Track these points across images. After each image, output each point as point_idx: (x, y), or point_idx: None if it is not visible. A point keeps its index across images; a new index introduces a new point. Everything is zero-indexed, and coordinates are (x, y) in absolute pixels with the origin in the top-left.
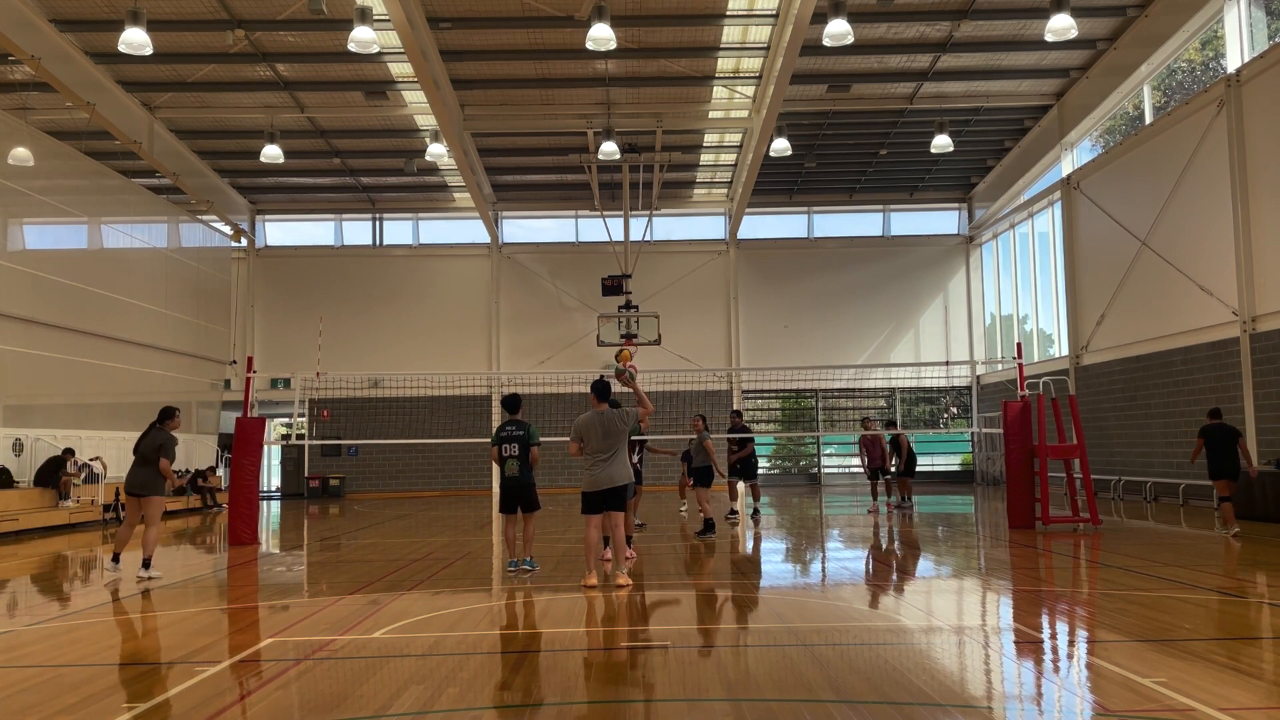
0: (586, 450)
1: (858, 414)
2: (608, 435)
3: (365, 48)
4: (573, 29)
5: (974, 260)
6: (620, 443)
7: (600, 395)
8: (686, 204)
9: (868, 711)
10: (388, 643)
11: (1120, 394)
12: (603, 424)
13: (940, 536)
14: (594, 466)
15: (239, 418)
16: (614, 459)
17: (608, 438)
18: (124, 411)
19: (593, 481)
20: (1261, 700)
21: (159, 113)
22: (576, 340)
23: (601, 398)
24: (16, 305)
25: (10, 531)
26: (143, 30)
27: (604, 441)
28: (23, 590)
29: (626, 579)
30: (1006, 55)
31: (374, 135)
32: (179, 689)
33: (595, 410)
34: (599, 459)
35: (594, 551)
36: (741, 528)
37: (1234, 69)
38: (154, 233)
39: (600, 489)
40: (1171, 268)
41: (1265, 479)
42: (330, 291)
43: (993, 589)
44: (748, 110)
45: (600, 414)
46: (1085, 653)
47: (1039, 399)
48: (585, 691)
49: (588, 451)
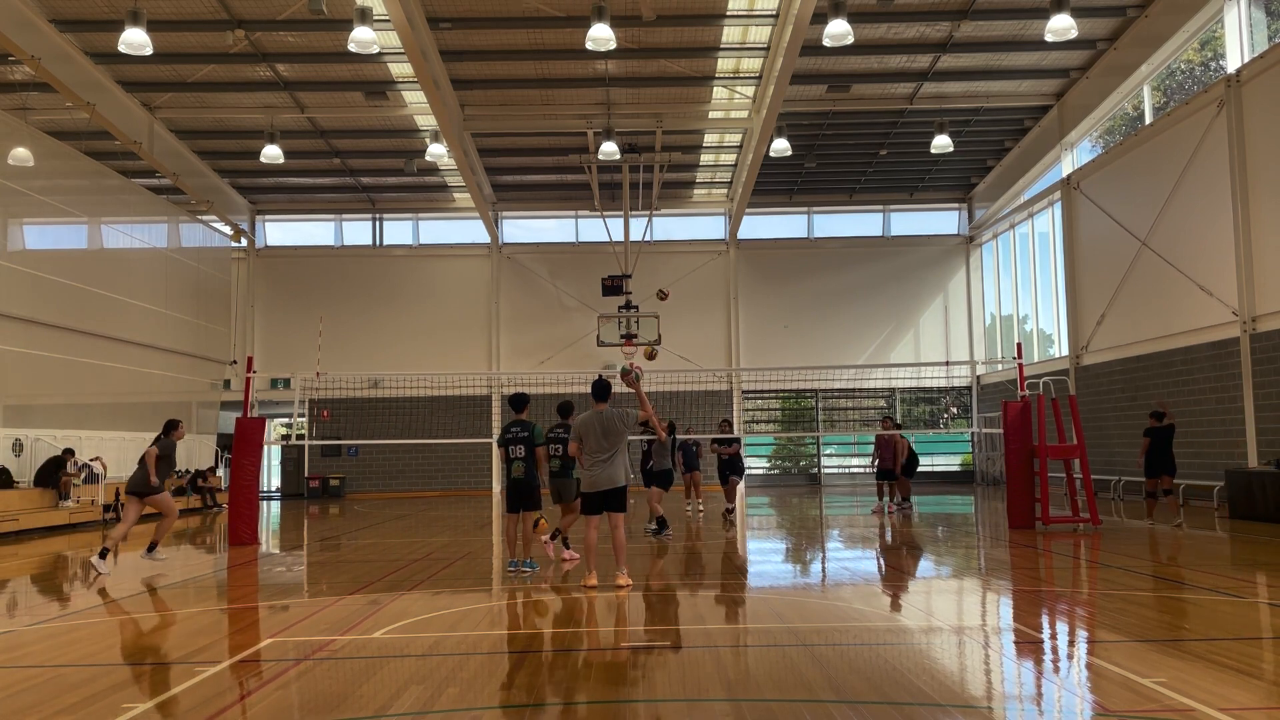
0: (585, 450)
1: (858, 414)
2: (607, 435)
3: (365, 48)
4: (573, 29)
5: (974, 260)
6: (620, 443)
7: (599, 395)
8: (686, 204)
9: (868, 711)
10: (388, 643)
11: (1120, 394)
12: (602, 424)
13: (940, 536)
14: (593, 467)
15: (239, 418)
16: (613, 460)
17: (607, 438)
18: (124, 411)
19: (592, 482)
20: (1261, 700)
21: (159, 113)
22: (576, 340)
23: (600, 398)
24: (16, 305)
25: (10, 531)
26: (143, 30)
27: (603, 441)
28: (23, 590)
29: (627, 579)
30: (1006, 55)
31: (374, 135)
32: (179, 689)
33: (595, 410)
34: (598, 459)
35: (594, 552)
36: (736, 528)
37: (1234, 69)
38: (154, 233)
39: (600, 490)
40: (1171, 268)
41: (1265, 479)
42: (330, 291)
43: (993, 589)
44: (748, 110)
45: (599, 414)
46: (1085, 653)
47: (1039, 399)
48: (585, 691)
49: (586, 451)
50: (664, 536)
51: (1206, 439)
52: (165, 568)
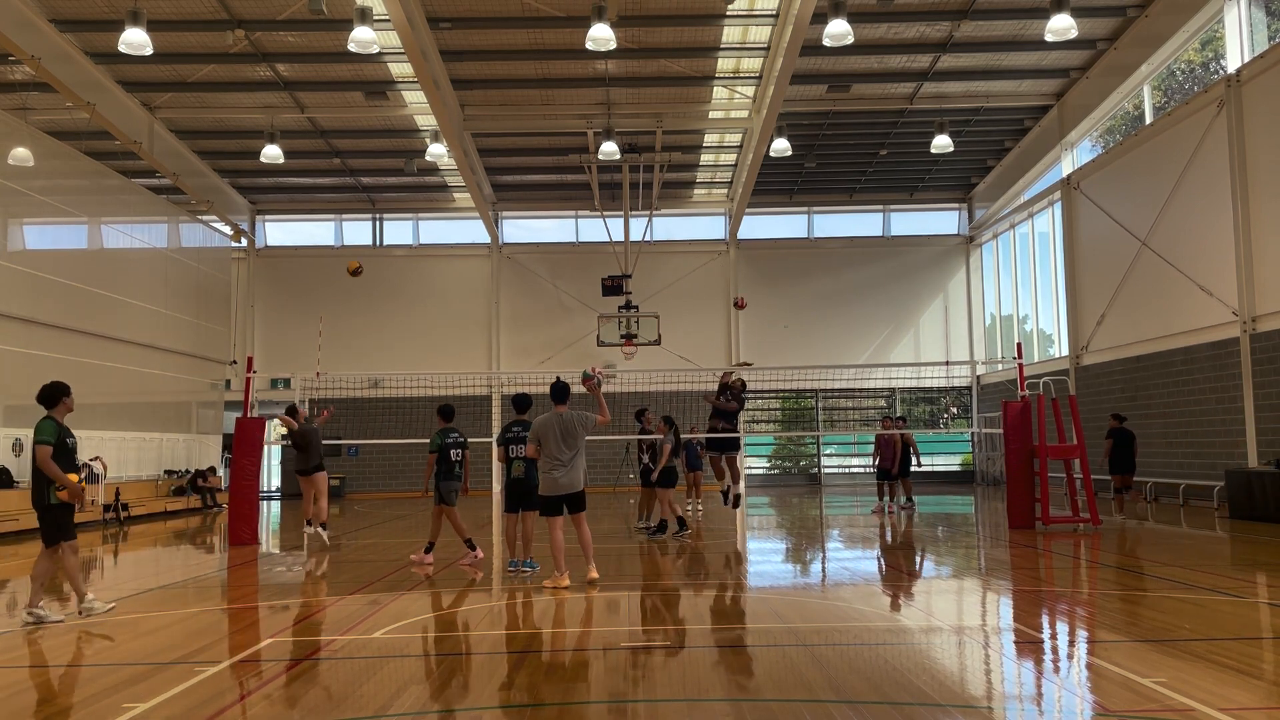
0: (544, 453)
1: (858, 414)
2: (566, 438)
3: (365, 48)
4: (573, 29)
5: (974, 260)
6: (579, 447)
7: (558, 397)
8: (686, 204)
9: (868, 711)
10: (388, 643)
11: (1120, 394)
12: (561, 426)
13: (940, 536)
14: (553, 470)
15: (239, 418)
16: (573, 464)
17: (566, 440)
18: (124, 411)
19: (552, 485)
20: (1261, 700)
21: (159, 113)
22: (577, 340)
23: (560, 399)
24: (16, 305)
25: (10, 531)
26: (143, 30)
27: (563, 444)
28: (23, 590)
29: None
30: (1006, 55)
31: (374, 135)
32: (179, 689)
33: (554, 412)
34: (557, 463)
35: (562, 551)
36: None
37: (1234, 69)
38: (154, 233)
39: (560, 494)
40: (1171, 268)
41: (1265, 479)
42: (330, 291)
43: (993, 589)
44: (748, 110)
45: (559, 416)
46: (1085, 653)
47: (1039, 399)
48: (585, 691)
49: (545, 454)
50: (682, 538)
51: (1206, 439)
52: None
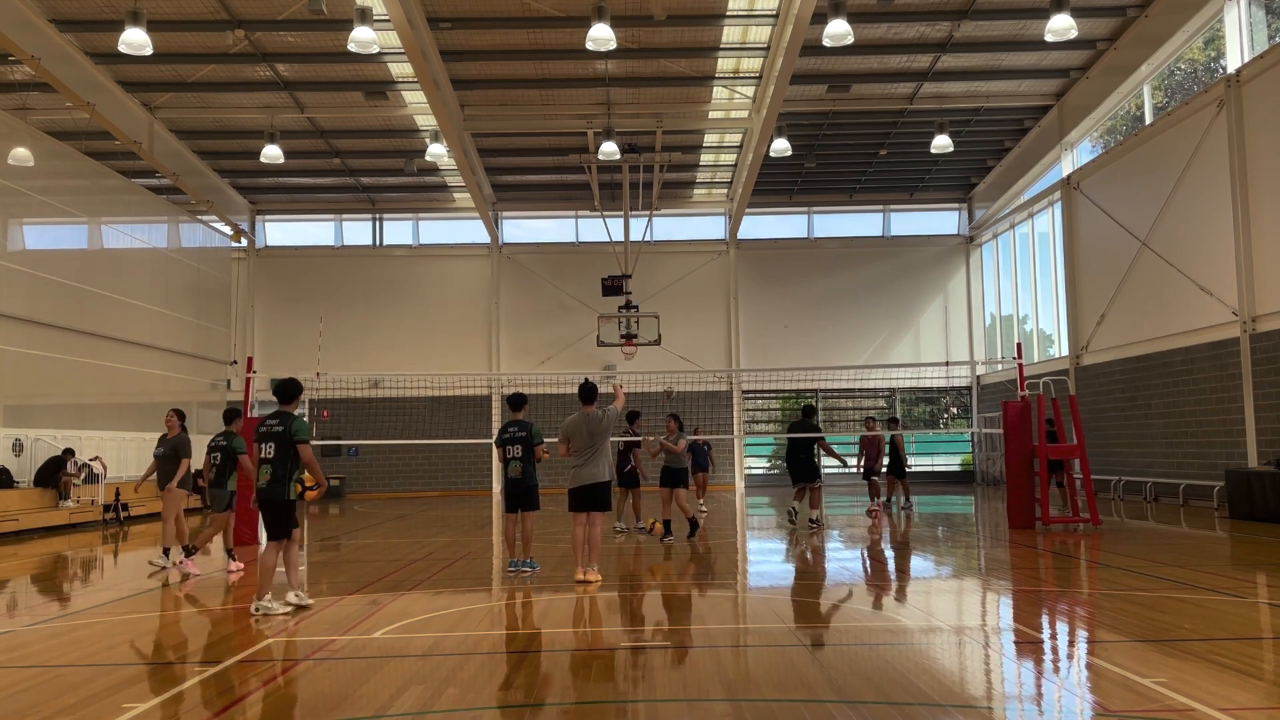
0: (573, 450)
1: (858, 414)
2: (593, 435)
3: (365, 48)
4: (573, 29)
5: (974, 260)
6: (603, 442)
7: (587, 398)
8: (686, 204)
9: (868, 711)
10: (388, 643)
11: (1120, 394)
12: (589, 425)
13: (940, 536)
14: (581, 465)
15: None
16: (595, 457)
17: (593, 437)
18: (124, 411)
19: (577, 478)
20: (1261, 700)
21: (159, 113)
22: (577, 340)
23: (588, 400)
24: (16, 305)
25: (10, 531)
26: (143, 30)
27: (589, 441)
28: (23, 590)
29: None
30: (1006, 55)
31: (374, 135)
32: (179, 689)
33: (583, 413)
34: (585, 458)
35: (581, 548)
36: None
37: (1234, 69)
38: (154, 233)
39: (583, 484)
40: (1171, 268)
41: (1265, 479)
42: (330, 291)
43: (993, 589)
44: (748, 110)
45: (587, 416)
46: (1085, 653)
47: (1039, 399)
48: (585, 691)
49: (574, 451)
50: (670, 540)
51: (1206, 439)
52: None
